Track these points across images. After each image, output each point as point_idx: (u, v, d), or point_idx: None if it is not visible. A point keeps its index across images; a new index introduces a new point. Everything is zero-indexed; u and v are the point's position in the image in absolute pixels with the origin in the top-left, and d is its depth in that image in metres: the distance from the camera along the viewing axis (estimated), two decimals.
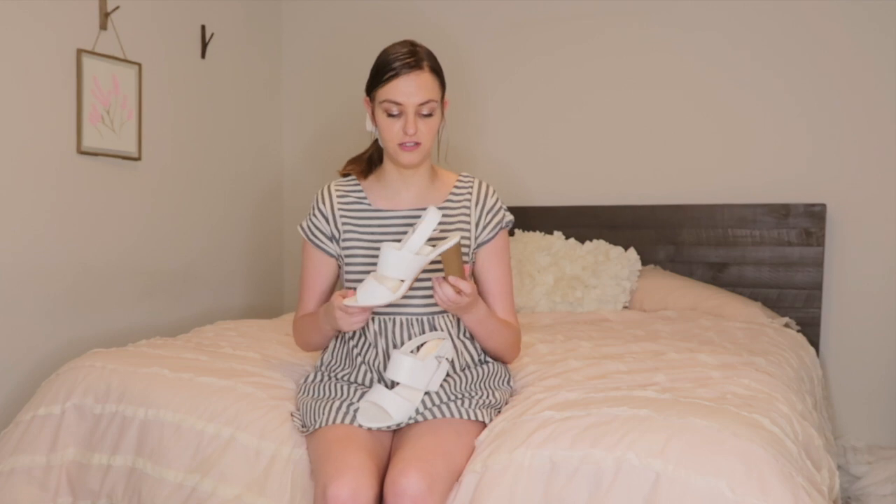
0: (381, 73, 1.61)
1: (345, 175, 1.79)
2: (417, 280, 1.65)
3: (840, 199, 2.83)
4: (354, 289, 1.66)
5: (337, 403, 1.56)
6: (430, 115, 1.62)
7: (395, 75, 1.59)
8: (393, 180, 1.73)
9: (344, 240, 1.72)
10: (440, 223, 1.68)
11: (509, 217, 1.78)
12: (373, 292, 1.49)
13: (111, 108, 2.68)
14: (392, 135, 1.62)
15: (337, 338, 1.73)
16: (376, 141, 1.76)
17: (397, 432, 1.56)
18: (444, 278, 1.52)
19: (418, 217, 1.70)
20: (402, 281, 1.51)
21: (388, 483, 1.36)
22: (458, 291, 1.52)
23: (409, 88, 1.59)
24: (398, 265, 1.49)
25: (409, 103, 1.59)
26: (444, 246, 1.50)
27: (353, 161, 1.80)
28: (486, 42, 3.30)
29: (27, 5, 2.41)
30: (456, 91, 2.63)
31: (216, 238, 3.27)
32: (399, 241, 1.65)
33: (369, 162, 1.78)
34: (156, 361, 1.83)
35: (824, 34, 2.84)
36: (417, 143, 1.63)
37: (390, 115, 1.61)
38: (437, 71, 1.64)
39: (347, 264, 1.71)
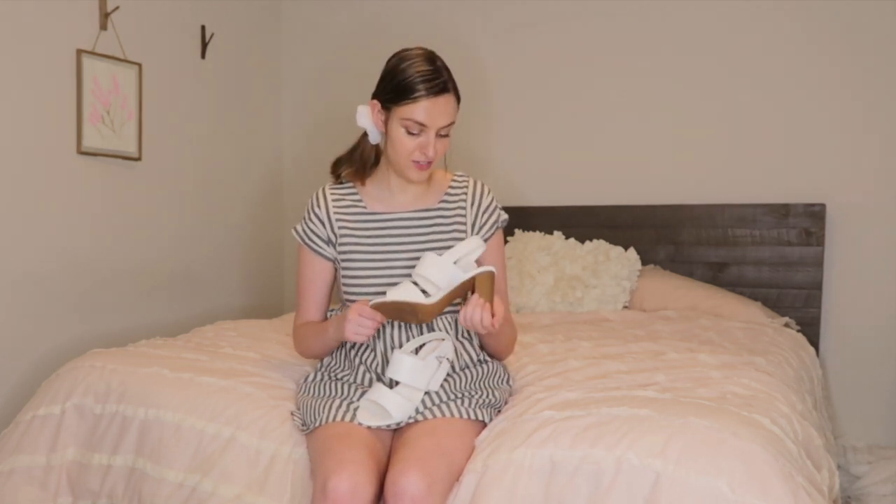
0: (406, 91, 1.57)
1: (338, 182, 1.78)
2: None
3: (840, 199, 2.83)
4: (351, 294, 1.67)
5: (337, 402, 1.56)
6: (446, 135, 1.64)
7: (426, 96, 1.57)
8: (391, 184, 1.73)
9: (341, 244, 1.72)
10: (435, 224, 1.71)
11: (504, 216, 1.78)
12: (406, 291, 1.52)
13: (111, 108, 2.68)
14: (408, 151, 1.61)
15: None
16: (365, 135, 1.74)
17: (397, 431, 1.56)
18: (485, 303, 1.53)
19: (416, 219, 1.71)
20: (432, 293, 1.54)
21: (388, 482, 1.36)
22: (492, 319, 1.53)
23: (436, 111, 1.58)
24: (439, 271, 1.53)
25: (433, 126, 1.59)
26: (484, 269, 1.53)
27: (345, 162, 1.76)
28: (486, 42, 3.30)
29: (27, 5, 2.41)
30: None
31: (216, 238, 3.27)
32: (400, 243, 1.67)
33: (362, 161, 1.75)
34: (156, 361, 1.83)
35: (823, 34, 2.84)
36: (430, 162, 1.63)
37: (410, 133, 1.60)
38: (457, 92, 1.64)
39: (345, 268, 1.71)
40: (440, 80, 1.59)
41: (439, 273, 1.54)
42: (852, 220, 2.82)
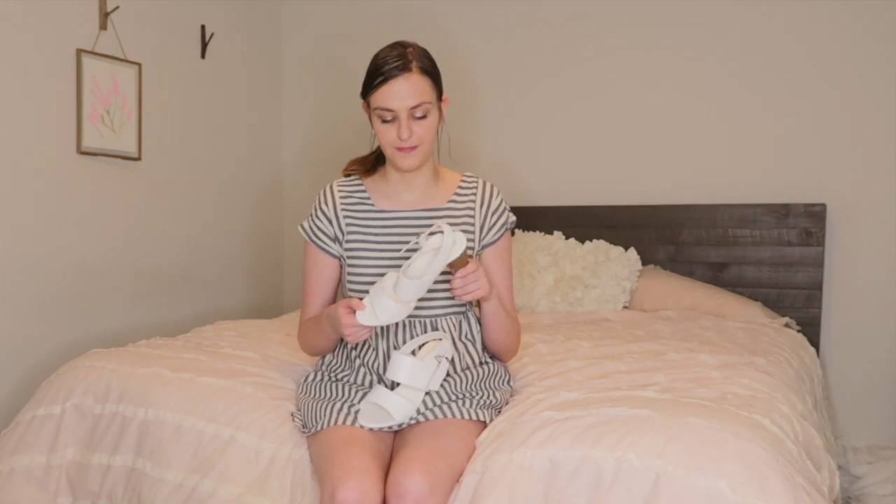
0: (372, 78, 1.60)
1: (347, 175, 1.79)
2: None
3: (840, 199, 2.83)
4: (357, 292, 1.66)
5: (338, 405, 1.56)
6: (424, 116, 1.60)
7: (385, 80, 1.57)
8: (395, 181, 1.72)
9: (347, 241, 1.71)
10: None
11: (513, 218, 1.78)
12: (388, 310, 1.49)
13: (111, 108, 2.68)
14: (388, 140, 1.61)
15: (340, 339, 1.73)
16: None
17: (399, 433, 1.56)
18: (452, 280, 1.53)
19: (424, 218, 1.70)
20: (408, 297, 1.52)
21: (390, 483, 1.36)
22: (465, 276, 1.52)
23: (400, 93, 1.57)
24: (413, 291, 1.49)
25: (400, 108, 1.57)
26: (454, 256, 1.50)
27: (357, 161, 1.79)
28: (486, 41, 3.30)
29: (27, 5, 2.41)
30: (456, 91, 2.63)
31: (216, 238, 3.27)
32: (405, 242, 1.66)
33: (374, 162, 1.77)
34: (156, 361, 1.83)
35: (824, 33, 2.84)
36: (414, 147, 1.61)
37: (384, 121, 1.60)
38: (428, 71, 1.61)
39: (350, 265, 1.70)
40: (400, 61, 1.57)
41: (414, 292, 1.50)
42: (852, 220, 2.82)
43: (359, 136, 1.83)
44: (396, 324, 1.65)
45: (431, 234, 1.52)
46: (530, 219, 3.15)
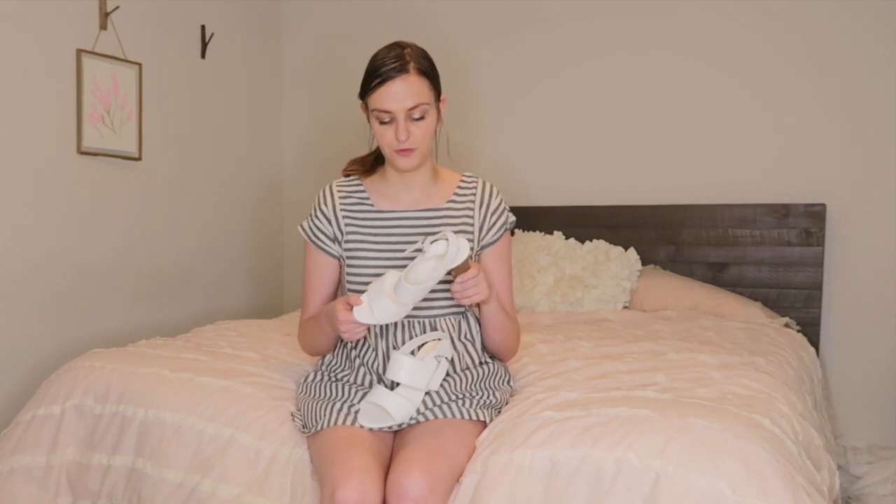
0: (370, 80, 1.59)
1: (347, 174, 1.79)
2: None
3: (840, 199, 2.83)
4: (356, 292, 1.66)
5: (338, 405, 1.56)
6: (422, 117, 1.60)
7: (382, 82, 1.57)
8: (394, 181, 1.73)
9: (347, 241, 1.71)
10: (443, 224, 1.68)
11: (512, 218, 1.78)
12: (386, 309, 1.49)
13: (111, 108, 2.68)
14: (386, 141, 1.62)
15: (339, 339, 1.73)
16: None
17: (399, 432, 1.56)
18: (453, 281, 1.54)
19: (424, 218, 1.70)
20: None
21: (390, 483, 1.36)
22: (464, 281, 1.53)
23: (397, 94, 1.57)
24: (414, 295, 1.49)
25: (397, 109, 1.57)
26: (457, 263, 1.50)
27: (356, 161, 1.79)
28: (487, 41, 3.30)
29: (27, 5, 2.41)
30: (456, 91, 2.63)
31: (216, 238, 3.27)
32: (406, 242, 1.66)
33: (374, 162, 1.77)
34: (156, 361, 1.83)
35: (824, 33, 2.84)
36: (412, 148, 1.61)
37: (382, 123, 1.60)
38: (425, 72, 1.61)
39: (350, 265, 1.70)
40: (398, 62, 1.57)
41: (415, 296, 1.51)
42: (852, 220, 2.82)
43: (359, 136, 1.83)
44: (396, 323, 1.65)
45: (435, 240, 1.53)
46: (530, 219, 3.15)
